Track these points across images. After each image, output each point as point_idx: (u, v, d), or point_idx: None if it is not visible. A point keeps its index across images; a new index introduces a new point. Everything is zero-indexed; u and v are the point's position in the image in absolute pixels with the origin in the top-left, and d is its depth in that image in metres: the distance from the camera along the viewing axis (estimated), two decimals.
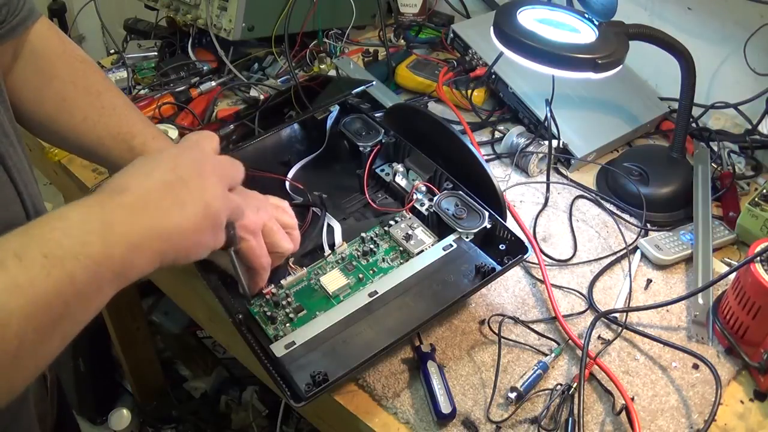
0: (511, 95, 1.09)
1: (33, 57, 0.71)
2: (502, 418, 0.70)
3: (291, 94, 1.06)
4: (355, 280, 0.77)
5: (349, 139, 0.91)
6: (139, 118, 0.75)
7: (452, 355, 0.76)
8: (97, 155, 0.75)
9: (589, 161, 1.04)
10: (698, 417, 0.71)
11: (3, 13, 0.64)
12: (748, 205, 0.88)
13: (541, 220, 0.94)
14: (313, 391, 0.64)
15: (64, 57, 0.73)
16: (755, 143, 1.03)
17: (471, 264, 0.77)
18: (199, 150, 0.59)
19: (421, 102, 1.15)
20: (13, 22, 0.66)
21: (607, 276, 0.87)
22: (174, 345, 1.79)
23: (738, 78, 1.07)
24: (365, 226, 0.85)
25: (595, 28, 0.87)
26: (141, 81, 1.16)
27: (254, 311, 0.75)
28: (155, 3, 1.23)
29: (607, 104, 1.10)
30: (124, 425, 1.54)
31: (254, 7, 1.12)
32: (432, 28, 1.33)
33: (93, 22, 1.30)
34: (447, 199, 0.81)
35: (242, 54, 1.21)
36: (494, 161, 1.05)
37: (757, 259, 0.72)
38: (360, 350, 0.69)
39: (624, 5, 0.91)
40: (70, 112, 0.72)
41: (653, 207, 0.94)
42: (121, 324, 1.48)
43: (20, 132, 0.65)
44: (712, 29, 1.08)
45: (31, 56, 0.71)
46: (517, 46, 0.85)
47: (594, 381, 0.74)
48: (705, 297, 0.81)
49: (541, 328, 0.79)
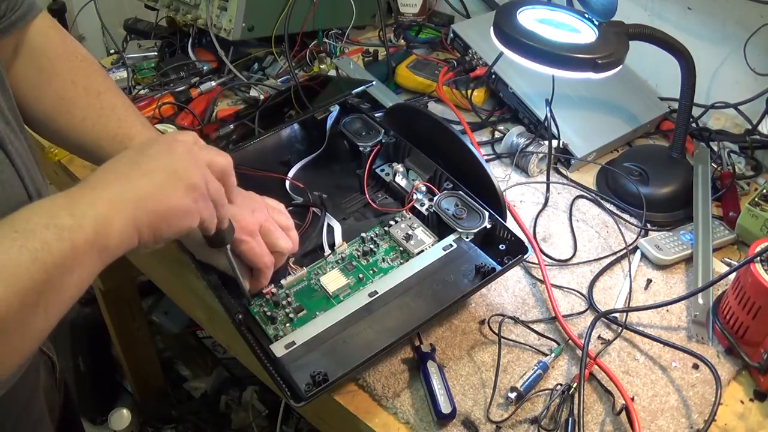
0: (511, 95, 1.09)
1: (33, 54, 0.71)
2: (502, 418, 0.70)
3: (291, 94, 1.06)
4: (355, 280, 0.77)
5: (349, 139, 0.91)
6: (138, 119, 0.75)
7: (452, 355, 0.76)
8: (95, 155, 0.75)
9: (589, 161, 1.04)
10: (698, 417, 0.71)
11: (3, 8, 0.64)
12: (748, 205, 0.88)
13: (541, 220, 0.94)
14: (313, 391, 0.64)
15: (65, 55, 0.73)
16: (755, 143, 1.03)
17: (471, 264, 0.77)
18: (170, 136, 0.59)
19: (421, 102, 1.15)
20: (12, 17, 0.66)
21: (607, 276, 0.87)
22: (174, 345, 1.79)
23: (738, 78, 1.07)
24: (365, 226, 0.85)
25: (595, 28, 0.87)
26: (141, 81, 1.16)
27: (254, 311, 0.75)
28: (155, 3, 1.23)
29: (607, 104, 1.10)
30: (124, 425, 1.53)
31: (254, 7, 1.12)
32: (432, 28, 1.33)
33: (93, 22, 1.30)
34: (447, 199, 0.81)
35: (242, 54, 1.21)
36: (494, 161, 1.05)
37: (757, 259, 0.72)
38: (360, 350, 0.69)
39: (624, 5, 0.91)
40: (69, 111, 0.72)
41: (653, 207, 0.94)
42: (121, 324, 1.48)
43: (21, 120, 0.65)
44: (712, 29, 1.08)
45: (32, 54, 0.71)
46: (517, 46, 0.85)
47: (594, 381, 0.74)
48: (705, 297, 0.81)
49: (541, 328, 0.79)
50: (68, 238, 0.47)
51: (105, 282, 1.37)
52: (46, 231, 0.46)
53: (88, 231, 0.48)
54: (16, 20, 0.67)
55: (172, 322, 1.78)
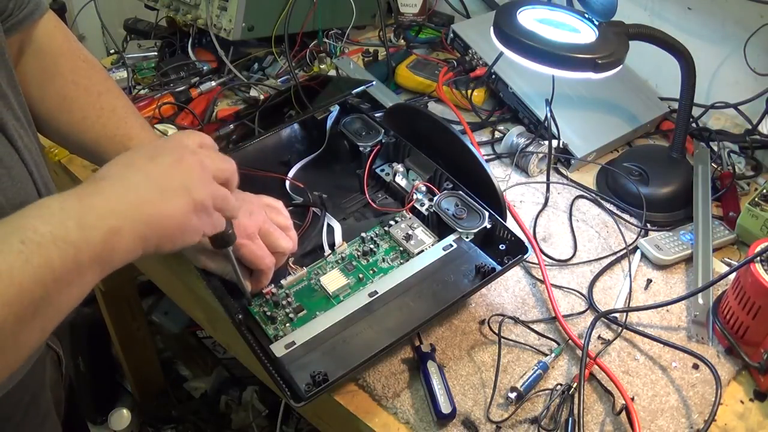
0: (511, 95, 1.09)
1: (38, 54, 0.71)
2: (502, 418, 0.70)
3: (291, 94, 1.06)
4: (355, 280, 0.77)
5: (349, 139, 0.91)
6: (137, 121, 0.76)
7: (452, 355, 0.76)
8: (94, 155, 0.75)
9: (589, 161, 1.04)
10: (698, 417, 0.71)
11: (10, 6, 0.64)
12: (748, 205, 0.88)
13: (541, 220, 0.94)
14: (313, 391, 0.64)
15: (68, 55, 0.74)
16: (755, 143, 1.03)
17: (471, 264, 0.77)
18: (179, 142, 0.58)
19: (421, 102, 1.15)
20: (19, 15, 0.66)
21: (607, 276, 0.87)
22: (174, 345, 1.79)
23: (738, 78, 1.07)
24: (365, 226, 0.85)
25: (595, 28, 0.87)
26: (141, 81, 1.16)
27: (254, 311, 0.75)
28: (155, 3, 1.23)
29: (607, 104, 1.10)
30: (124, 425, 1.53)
31: (254, 7, 1.12)
32: (432, 28, 1.33)
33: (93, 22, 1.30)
34: (447, 199, 0.81)
35: (242, 54, 1.21)
36: (494, 161, 1.05)
37: (757, 259, 0.72)
38: (360, 350, 0.69)
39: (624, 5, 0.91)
40: (69, 110, 0.73)
41: (653, 207, 0.94)
42: (121, 324, 1.47)
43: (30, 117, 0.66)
44: (712, 29, 1.08)
45: (36, 53, 0.71)
46: (517, 46, 0.85)
47: (594, 381, 0.74)
48: (705, 297, 0.81)
49: (541, 328, 0.79)
50: (73, 254, 0.46)
51: (105, 282, 1.36)
52: (52, 246, 0.45)
53: (95, 246, 0.48)
54: (23, 18, 0.67)
55: (172, 322, 1.78)
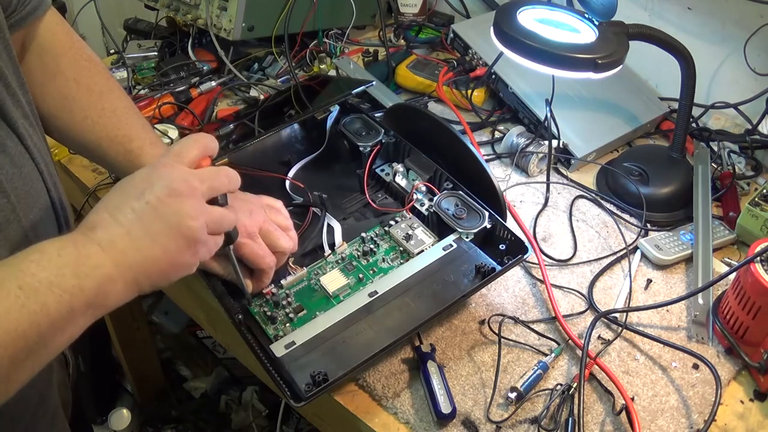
0: (511, 95, 1.09)
1: (40, 52, 0.71)
2: (502, 418, 0.70)
3: (291, 94, 1.06)
4: (355, 280, 0.77)
5: (349, 139, 0.91)
6: (138, 122, 0.76)
7: (452, 355, 0.76)
8: (95, 155, 0.76)
9: (589, 161, 1.04)
10: (698, 417, 0.71)
11: (14, 3, 0.64)
12: (748, 205, 0.88)
13: (541, 220, 0.94)
14: (313, 391, 0.64)
15: (70, 54, 0.74)
16: (755, 143, 1.03)
17: (471, 264, 0.77)
18: (172, 167, 0.56)
19: (421, 102, 1.15)
20: (23, 11, 0.66)
21: (607, 276, 0.87)
22: (174, 345, 1.79)
23: (738, 78, 1.07)
24: (365, 226, 0.85)
25: (595, 28, 0.87)
26: (141, 81, 1.16)
27: (254, 311, 0.75)
28: (155, 3, 1.23)
29: (607, 104, 1.10)
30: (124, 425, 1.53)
31: (254, 7, 1.12)
32: (432, 28, 1.33)
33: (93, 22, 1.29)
34: (447, 199, 0.81)
35: (242, 54, 1.21)
36: (494, 161, 1.05)
37: (757, 259, 0.72)
38: (360, 350, 0.69)
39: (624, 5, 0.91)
40: (70, 110, 0.73)
41: (653, 207, 0.94)
42: (121, 324, 1.47)
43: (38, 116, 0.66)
44: (712, 29, 1.08)
45: (38, 51, 0.71)
46: (517, 46, 0.85)
47: (594, 381, 0.74)
48: (705, 297, 0.81)
49: (541, 328, 0.79)
50: (68, 301, 0.48)
51: None
52: (48, 292, 0.47)
53: (89, 293, 0.49)
54: (27, 15, 0.67)
55: (172, 322, 1.78)
